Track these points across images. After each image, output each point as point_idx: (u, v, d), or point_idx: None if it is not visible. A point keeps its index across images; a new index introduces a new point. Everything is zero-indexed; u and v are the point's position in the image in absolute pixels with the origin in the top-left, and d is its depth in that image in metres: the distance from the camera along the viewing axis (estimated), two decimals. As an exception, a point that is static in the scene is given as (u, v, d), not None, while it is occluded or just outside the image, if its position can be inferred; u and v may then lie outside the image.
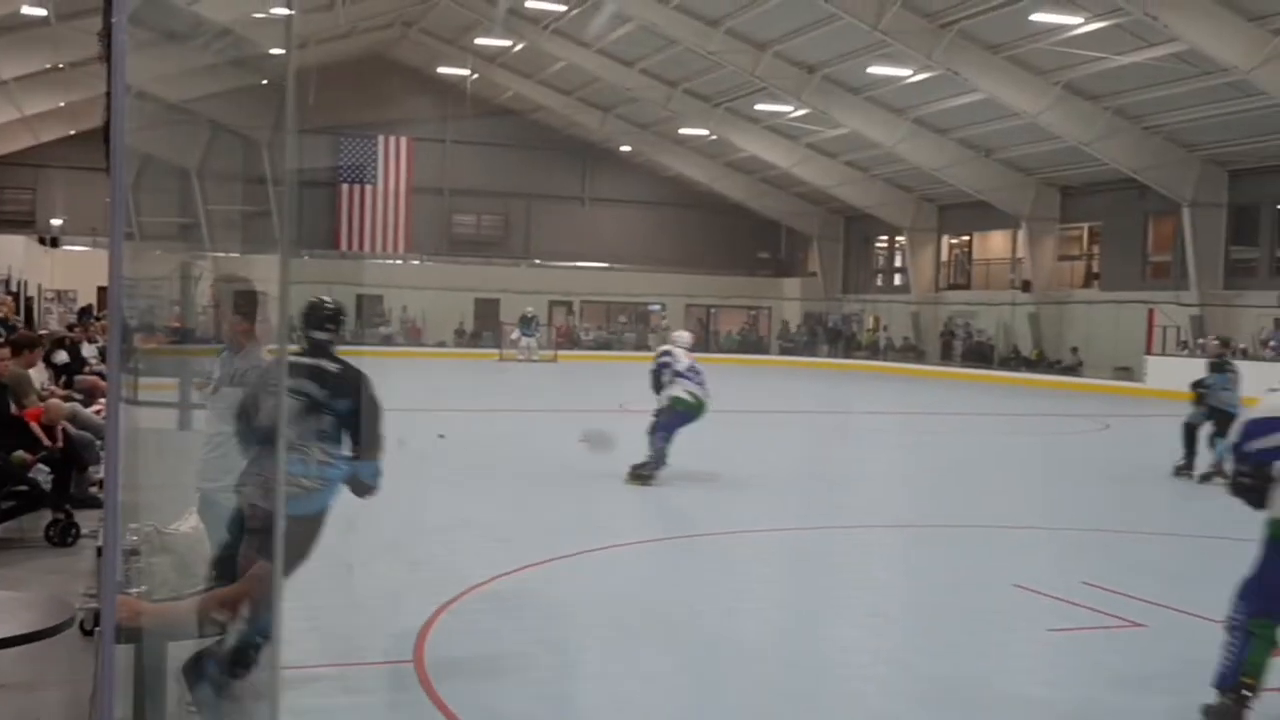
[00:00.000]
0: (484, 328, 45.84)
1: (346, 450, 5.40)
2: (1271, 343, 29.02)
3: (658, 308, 49.36)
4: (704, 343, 48.64)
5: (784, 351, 47.14)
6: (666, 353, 12.79)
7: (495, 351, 41.43)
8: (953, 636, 6.95)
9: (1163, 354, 31.85)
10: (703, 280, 49.04)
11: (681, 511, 11.02)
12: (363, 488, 5.46)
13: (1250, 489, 5.35)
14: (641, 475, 12.13)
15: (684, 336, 13.44)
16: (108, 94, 2.49)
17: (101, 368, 14.58)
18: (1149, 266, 35.11)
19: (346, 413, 5.38)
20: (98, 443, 9.44)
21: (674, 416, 12.25)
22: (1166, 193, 31.56)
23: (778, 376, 37.46)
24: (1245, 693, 5.22)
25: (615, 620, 6.99)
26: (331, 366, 5.43)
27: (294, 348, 5.37)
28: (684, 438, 12.28)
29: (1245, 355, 29.73)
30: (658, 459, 12.20)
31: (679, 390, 12.26)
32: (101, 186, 2.89)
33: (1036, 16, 26.19)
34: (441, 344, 44.23)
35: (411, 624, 6.51)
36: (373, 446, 5.46)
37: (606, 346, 45.95)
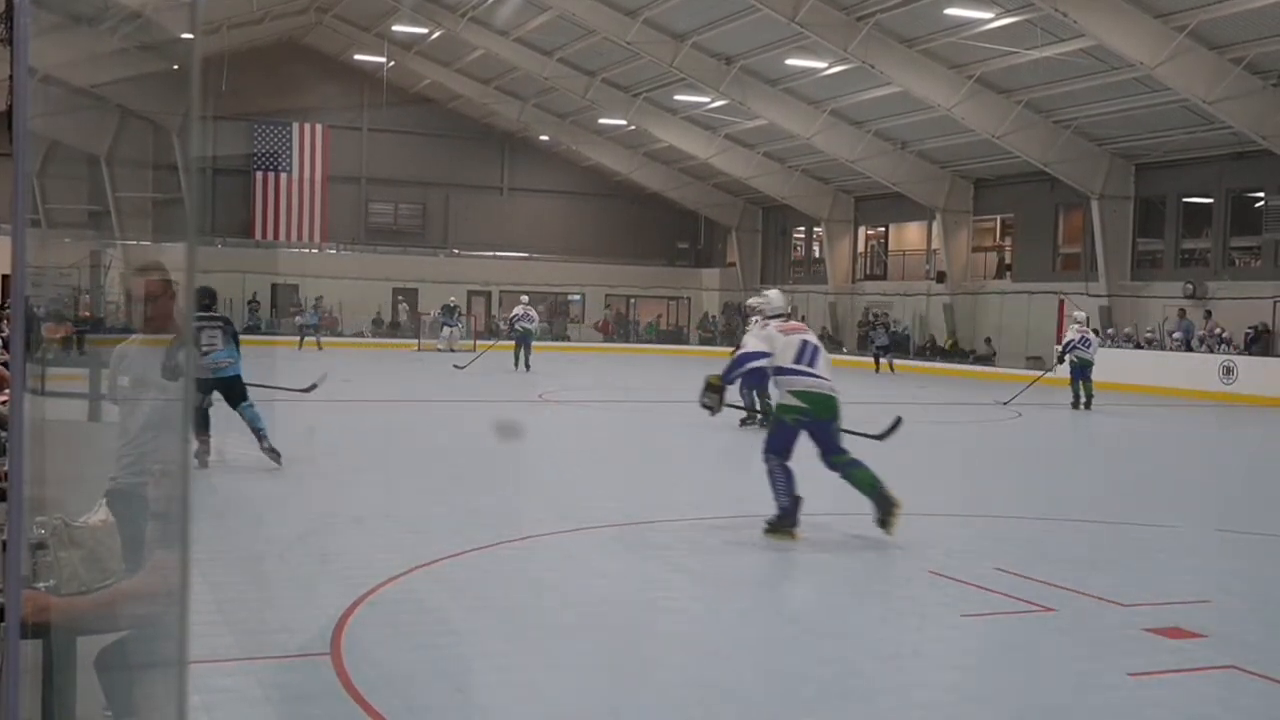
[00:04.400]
0: (402, 317, 45.53)
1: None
2: (1176, 333, 29.71)
3: (577, 298, 49.33)
4: (623, 332, 48.89)
5: (703, 341, 47.37)
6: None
7: (414, 341, 41.17)
8: (868, 622, 7.04)
9: (1072, 344, 32.47)
10: (621, 270, 49.06)
11: (602, 501, 11.03)
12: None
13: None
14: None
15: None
16: (10, 78, 2.43)
17: (4, 357, 14.19)
18: (1059, 258, 35.80)
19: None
20: (1, 434, 9.20)
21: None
22: (1076, 185, 32.20)
23: (698, 366, 37.56)
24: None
25: (534, 611, 6.99)
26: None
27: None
28: (601, 427, 12.38)
29: (1150, 344, 30.43)
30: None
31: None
32: (4, 173, 2.82)
33: (950, 11, 26.59)
34: (360, 334, 43.85)
35: (326, 616, 6.44)
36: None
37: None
